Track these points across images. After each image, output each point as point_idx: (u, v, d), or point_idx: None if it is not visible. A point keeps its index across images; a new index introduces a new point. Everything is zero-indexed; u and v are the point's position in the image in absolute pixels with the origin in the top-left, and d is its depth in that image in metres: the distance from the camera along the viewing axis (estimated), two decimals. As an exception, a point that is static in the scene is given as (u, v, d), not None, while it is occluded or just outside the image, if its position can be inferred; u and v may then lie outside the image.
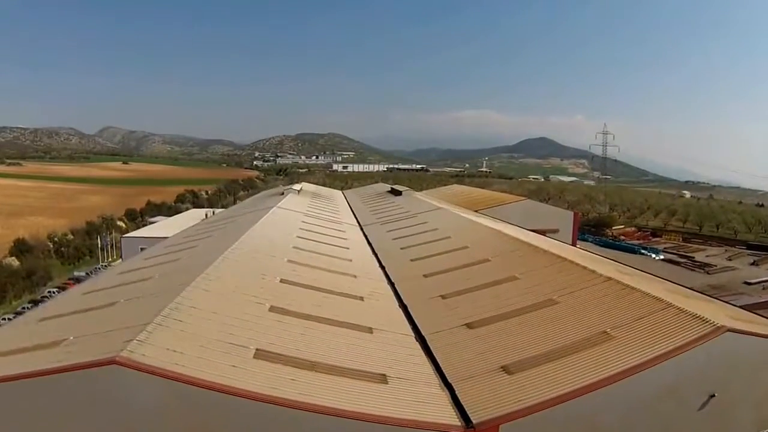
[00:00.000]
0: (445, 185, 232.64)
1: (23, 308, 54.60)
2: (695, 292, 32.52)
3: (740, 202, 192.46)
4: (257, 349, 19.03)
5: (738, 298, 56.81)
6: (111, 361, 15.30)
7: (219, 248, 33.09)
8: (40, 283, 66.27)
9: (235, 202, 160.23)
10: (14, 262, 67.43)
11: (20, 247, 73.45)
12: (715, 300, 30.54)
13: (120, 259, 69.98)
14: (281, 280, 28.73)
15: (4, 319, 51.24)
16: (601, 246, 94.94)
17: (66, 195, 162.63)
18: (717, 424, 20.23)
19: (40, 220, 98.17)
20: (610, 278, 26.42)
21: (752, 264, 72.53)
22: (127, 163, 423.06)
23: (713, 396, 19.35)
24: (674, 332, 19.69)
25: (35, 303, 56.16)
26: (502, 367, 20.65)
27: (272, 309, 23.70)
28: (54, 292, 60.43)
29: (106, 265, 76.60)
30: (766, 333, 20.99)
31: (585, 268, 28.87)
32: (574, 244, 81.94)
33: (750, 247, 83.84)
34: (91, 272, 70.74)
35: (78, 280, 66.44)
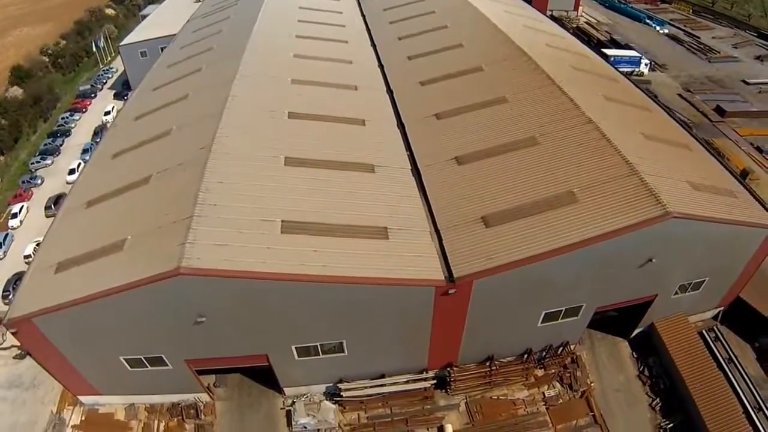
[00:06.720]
0: None
1: (46, 144, 54.17)
2: (677, 125, 34.72)
3: None
4: (282, 222, 23.20)
5: (731, 99, 56.47)
6: (176, 273, 19.71)
7: (223, 79, 34.21)
8: (49, 107, 64.17)
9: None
10: (17, 91, 64.47)
11: (18, 74, 68.94)
12: (695, 144, 32.51)
13: (119, 57, 68.32)
14: (289, 115, 30.98)
15: (33, 163, 51.74)
16: (606, 8, 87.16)
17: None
18: (652, 277, 25.64)
19: (26, 32, 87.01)
20: (590, 121, 28.72)
21: (757, 58, 67.68)
22: None
23: (651, 260, 24.19)
24: (629, 207, 23.29)
25: (54, 136, 56.15)
26: (481, 218, 25.07)
27: (287, 162, 26.94)
28: (66, 118, 59.82)
29: (106, 69, 74.31)
30: (706, 215, 24.20)
31: (571, 100, 30.70)
32: (577, 7, 78.28)
33: (761, 36, 76.82)
34: (96, 82, 69.16)
35: (84, 96, 65.50)
